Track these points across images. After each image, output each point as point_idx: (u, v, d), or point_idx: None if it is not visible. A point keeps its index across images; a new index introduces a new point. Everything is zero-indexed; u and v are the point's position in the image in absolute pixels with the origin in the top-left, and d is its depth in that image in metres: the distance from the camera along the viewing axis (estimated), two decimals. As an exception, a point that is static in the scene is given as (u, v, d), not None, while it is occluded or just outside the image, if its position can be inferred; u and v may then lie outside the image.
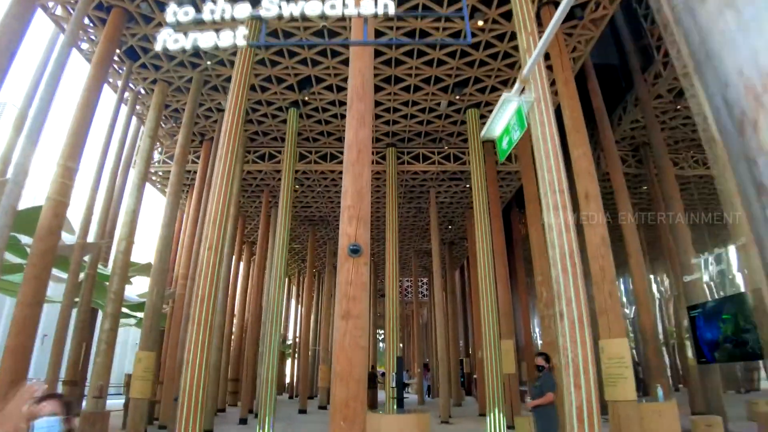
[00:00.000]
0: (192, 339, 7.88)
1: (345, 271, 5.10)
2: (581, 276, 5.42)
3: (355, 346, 4.75)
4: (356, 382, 4.65)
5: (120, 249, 11.65)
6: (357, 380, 4.66)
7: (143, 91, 14.35)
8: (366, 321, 4.96)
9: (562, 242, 5.60)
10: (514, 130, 4.47)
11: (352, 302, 4.93)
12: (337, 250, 17.69)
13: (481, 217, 13.01)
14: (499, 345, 11.99)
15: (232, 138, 9.36)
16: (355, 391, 4.61)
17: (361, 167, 5.66)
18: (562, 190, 5.91)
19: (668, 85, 14.19)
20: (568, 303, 5.28)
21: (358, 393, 4.62)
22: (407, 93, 13.75)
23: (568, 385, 5.01)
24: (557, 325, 5.28)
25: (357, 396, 4.60)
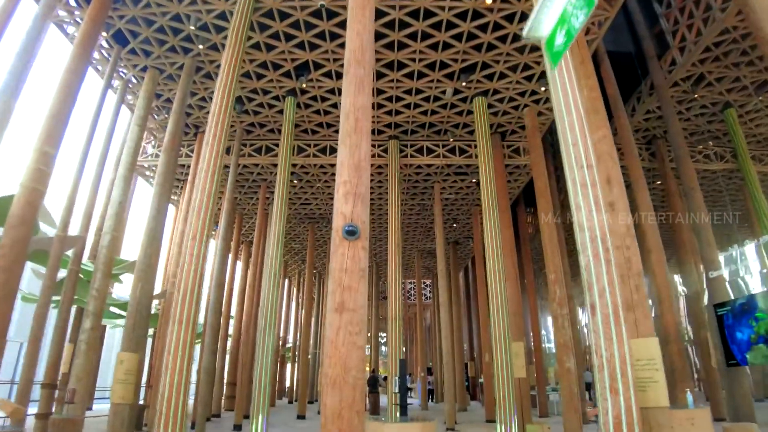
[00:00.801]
0: (173, 339, 7.12)
1: (339, 256, 4.33)
2: (615, 262, 4.64)
3: (351, 345, 3.98)
4: (351, 388, 3.87)
5: (104, 243, 10.90)
6: (352, 386, 3.88)
7: (135, 80, 13.64)
8: (364, 315, 4.19)
9: (592, 224, 4.82)
10: (575, 16, 3.37)
11: (347, 293, 4.16)
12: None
13: (490, 210, 12.23)
14: (509, 347, 11.19)
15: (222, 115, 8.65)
16: (351, 399, 3.84)
17: (359, 138, 4.90)
18: (590, 165, 5.13)
19: (685, 72, 13.44)
20: (601, 294, 4.49)
21: (354, 401, 3.84)
22: (410, 80, 13.00)
23: (603, 390, 4.22)
24: (589, 321, 4.49)
25: (352, 404, 3.83)
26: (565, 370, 10.71)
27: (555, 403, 18.86)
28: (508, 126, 15.19)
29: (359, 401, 3.86)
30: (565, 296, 11.69)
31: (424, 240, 24.90)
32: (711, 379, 12.96)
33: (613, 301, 4.41)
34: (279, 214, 11.78)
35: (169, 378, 6.94)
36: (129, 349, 9.61)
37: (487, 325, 17.83)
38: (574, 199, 5.04)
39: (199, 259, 7.62)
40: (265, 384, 10.23)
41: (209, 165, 8.36)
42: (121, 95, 13.60)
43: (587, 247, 4.73)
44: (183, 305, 7.26)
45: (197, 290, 7.52)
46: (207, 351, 13.33)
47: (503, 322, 11.32)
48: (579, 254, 4.83)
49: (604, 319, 4.35)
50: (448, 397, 15.17)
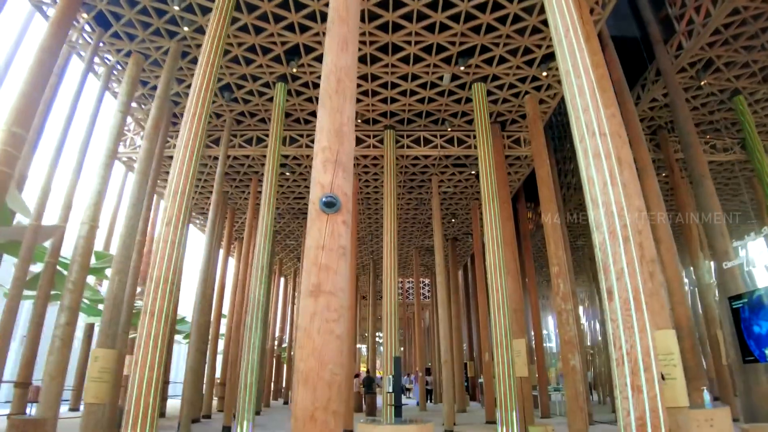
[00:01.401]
0: (144, 333, 6.51)
1: (316, 232, 3.73)
2: (635, 241, 4.04)
3: (328, 334, 3.38)
4: (327, 385, 3.27)
5: (81, 234, 10.30)
6: (329, 382, 3.27)
7: (120, 66, 13.03)
8: (344, 300, 3.58)
9: (607, 198, 4.23)
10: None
11: (325, 273, 3.56)
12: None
13: (490, 201, 11.62)
14: (510, 345, 10.58)
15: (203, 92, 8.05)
16: (326, 398, 3.23)
17: (341, 100, 4.31)
18: (603, 133, 4.54)
19: (691, 57, 12.87)
20: (619, 276, 3.90)
21: (330, 400, 3.23)
22: (406, 65, 12.40)
23: (623, 388, 3.62)
24: (605, 308, 3.90)
25: (328, 405, 3.22)
26: (569, 368, 10.11)
27: (557, 404, 18.27)
28: (508, 115, 14.60)
29: (336, 401, 3.26)
30: (569, 291, 11.10)
31: (422, 237, 24.30)
32: (721, 377, 12.37)
33: (634, 284, 3.82)
34: (268, 205, 11.18)
35: (139, 375, 6.34)
36: (105, 345, 9.00)
37: (487, 323, 17.26)
38: (586, 172, 4.44)
39: (175, 246, 7.01)
40: (251, 384, 9.62)
41: (187, 145, 7.75)
42: (105, 82, 13.03)
43: (602, 224, 4.14)
44: (156, 295, 6.65)
45: (173, 280, 6.92)
46: (193, 349, 12.71)
47: (504, 319, 10.71)
48: (592, 232, 4.23)
49: (623, 304, 3.76)
50: (447, 397, 14.56)
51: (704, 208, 10.80)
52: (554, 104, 14.00)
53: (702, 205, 10.92)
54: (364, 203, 19.28)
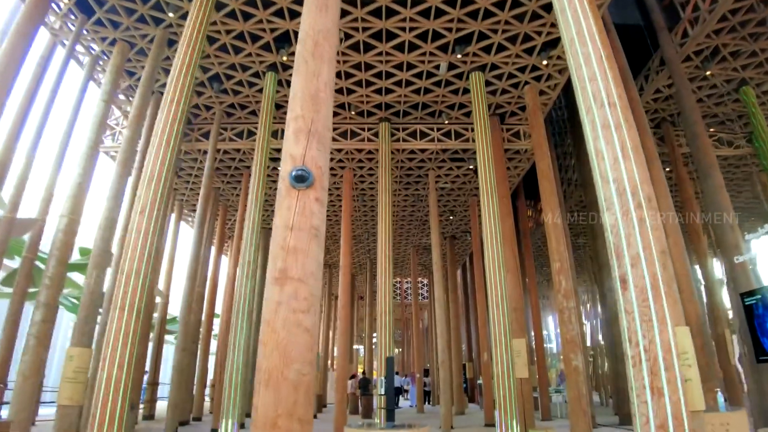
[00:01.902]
0: (113, 328, 6.01)
1: (285, 210, 3.23)
2: (651, 221, 3.55)
3: (294, 327, 2.88)
4: (293, 387, 2.76)
5: (60, 227, 9.81)
6: (295, 384, 2.77)
7: (106, 56, 12.53)
8: (316, 288, 3.08)
9: (619, 174, 3.73)
10: None
11: (293, 257, 3.06)
12: (328, 243, 15.75)
13: (489, 195, 11.12)
14: (510, 345, 10.04)
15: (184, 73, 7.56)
16: (291, 402, 2.73)
17: (318, 63, 3.81)
18: (613, 103, 4.05)
19: (697, 45, 12.38)
20: (635, 262, 3.40)
21: (297, 405, 2.73)
22: (401, 53, 11.90)
23: (641, 391, 3.12)
24: (618, 298, 3.40)
25: (293, 410, 2.72)
26: (572, 369, 9.61)
27: (558, 406, 17.76)
28: (508, 107, 14.11)
29: (304, 405, 2.75)
30: (571, 288, 10.59)
31: (419, 235, 23.78)
32: (729, 377, 11.87)
33: (651, 272, 3.32)
34: (256, 199, 10.69)
35: (107, 374, 5.83)
36: (81, 343, 8.47)
37: (486, 323, 16.75)
38: (594, 145, 3.95)
39: (149, 236, 6.51)
40: (236, 384, 9.11)
41: (164, 129, 7.25)
42: (89, 71, 12.56)
43: (614, 203, 3.64)
44: (127, 288, 6.15)
45: (146, 273, 6.41)
46: (180, 349, 12.20)
47: (503, 317, 10.18)
48: (602, 213, 3.74)
49: (640, 294, 3.26)
50: (444, 399, 14.05)
51: (713, 200, 10.30)
52: (555, 95, 13.52)
53: (710, 197, 10.42)
54: (359, 200, 18.77)
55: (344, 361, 13.75)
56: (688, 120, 11.28)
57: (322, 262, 3.21)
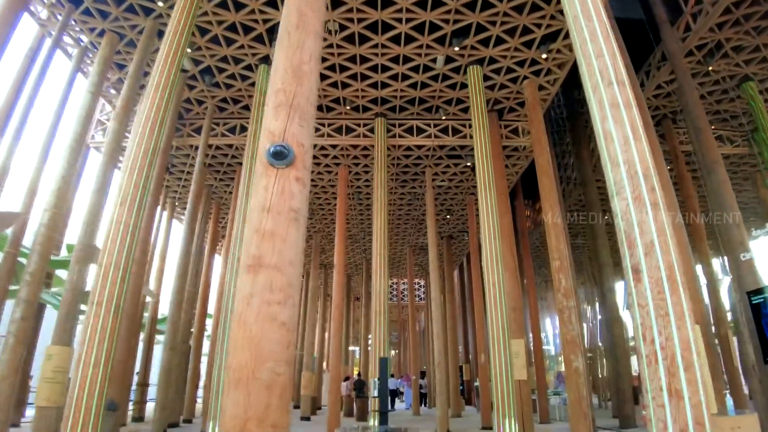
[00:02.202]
0: (90, 325, 5.66)
1: (261, 191, 2.91)
2: (665, 206, 3.24)
3: (268, 321, 2.55)
4: (266, 389, 2.43)
5: (43, 221, 9.47)
6: (267, 385, 2.44)
7: (96, 48, 12.19)
8: (294, 278, 2.75)
9: (630, 156, 3.42)
10: None
11: (268, 242, 2.73)
12: (323, 243, 15.25)
13: (487, 191, 10.80)
14: (508, 345, 9.71)
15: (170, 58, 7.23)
16: (263, 407, 2.39)
17: (302, 35, 3.48)
18: (621, 81, 3.74)
19: (698, 39, 12.10)
20: (649, 250, 3.08)
21: (269, 410, 2.40)
22: (397, 45, 11.58)
23: (658, 393, 2.80)
24: (631, 291, 3.08)
25: (266, 416, 2.39)
26: (572, 370, 9.29)
27: (557, 408, 17.44)
28: (506, 102, 13.80)
29: (278, 409, 2.42)
30: (571, 287, 10.28)
31: (416, 234, 23.45)
32: (733, 379, 11.59)
33: (667, 261, 3.00)
34: (247, 193, 10.35)
35: (82, 373, 5.48)
36: (61, 342, 8.11)
37: (483, 323, 16.43)
38: (602, 126, 3.63)
39: (129, 228, 6.17)
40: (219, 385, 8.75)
41: (149, 117, 6.92)
42: (77, 63, 12.23)
43: (625, 186, 3.33)
44: (105, 282, 5.81)
45: (127, 266, 6.07)
46: (167, 348, 11.84)
47: (501, 317, 9.84)
48: (612, 198, 3.42)
49: (655, 286, 2.94)
50: (440, 402, 13.72)
51: (717, 196, 10.00)
52: (554, 91, 13.23)
53: (714, 193, 10.12)
54: (354, 198, 18.44)
55: (338, 362, 13.41)
56: (691, 114, 10.99)
57: (302, 250, 2.88)
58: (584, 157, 16.44)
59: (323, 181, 16.96)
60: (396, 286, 41.20)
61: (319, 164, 15.79)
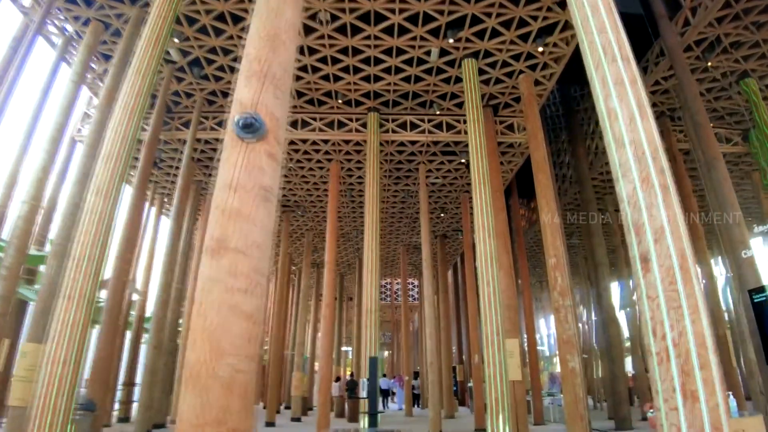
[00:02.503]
0: (59, 320, 5.32)
1: (227, 166, 2.59)
2: (675, 190, 2.95)
3: (229, 311, 2.24)
4: (225, 388, 2.12)
5: (21, 213, 9.11)
6: (227, 383, 2.13)
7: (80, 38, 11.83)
8: (261, 263, 2.45)
9: (637, 135, 3.14)
10: None
11: (233, 223, 2.42)
12: (316, 241, 14.82)
13: (481, 186, 10.49)
14: (503, 345, 9.37)
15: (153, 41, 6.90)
16: (221, 408, 2.08)
17: (279, 3, 3.16)
18: (626, 57, 3.46)
19: (697, 34, 11.88)
20: (659, 236, 2.79)
21: (229, 413, 2.08)
22: (390, 36, 11.28)
23: (670, 395, 2.50)
24: (639, 282, 2.78)
25: (225, 419, 2.07)
26: (568, 371, 9.01)
27: (551, 410, 17.18)
28: (501, 98, 13.52)
29: (239, 412, 2.10)
30: (567, 286, 10.00)
31: (409, 233, 23.14)
32: (732, 380, 11.35)
33: (679, 248, 2.71)
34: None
35: (50, 371, 5.14)
36: (36, 339, 7.76)
37: (477, 323, 16.14)
38: (606, 104, 3.35)
39: (104, 219, 5.83)
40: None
41: (128, 104, 6.59)
42: (61, 53, 11.89)
43: (631, 169, 3.04)
44: (76, 275, 5.47)
45: (100, 258, 5.74)
46: (151, 347, 11.49)
47: (496, 315, 9.51)
48: (617, 182, 3.13)
49: (666, 275, 2.65)
50: (433, 403, 13.43)
51: (717, 193, 9.76)
52: (550, 86, 12.97)
53: (715, 190, 9.88)
54: (347, 195, 18.11)
55: (328, 362, 13.08)
56: (690, 110, 10.75)
57: (271, 232, 2.57)
58: (580, 154, 16.21)
59: (315, 177, 16.63)
60: (390, 286, 40.88)
61: (311, 160, 15.47)
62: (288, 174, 16.60)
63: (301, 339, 19.90)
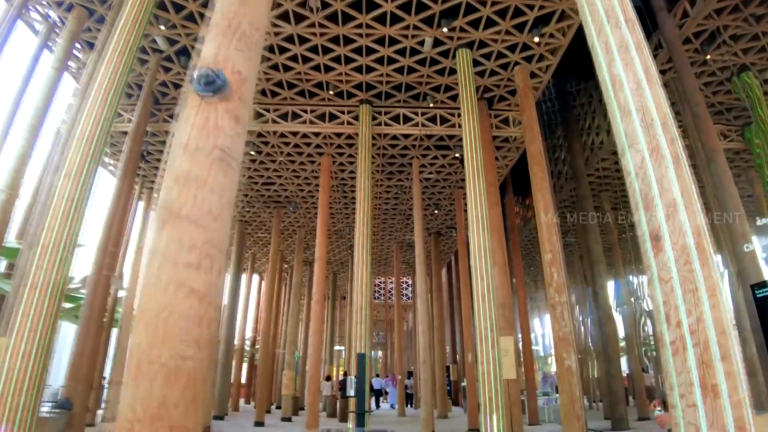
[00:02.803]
0: (24, 311, 4.97)
1: (182, 126, 2.26)
2: (687, 159, 2.65)
3: (177, 289, 1.91)
4: (168, 378, 1.79)
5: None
6: (172, 374, 1.80)
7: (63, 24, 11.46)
8: (218, 236, 2.12)
9: (644, 102, 2.84)
10: None
11: (186, 188, 2.09)
12: (308, 238, 14.39)
13: (476, 179, 10.18)
14: (497, 343, 9.03)
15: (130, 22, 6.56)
16: (158, 402, 1.75)
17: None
18: (630, 20, 3.20)
19: (696, 26, 11.64)
20: (672, 212, 2.48)
21: (169, 407, 1.75)
22: (382, 25, 10.96)
23: (687, 390, 2.19)
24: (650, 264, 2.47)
25: (163, 414, 1.74)
26: (564, 369, 8.72)
27: (546, 409, 16.90)
28: (497, 90, 13.22)
29: (186, 406, 1.77)
30: (563, 282, 9.71)
31: (403, 230, 22.83)
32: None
33: (694, 223, 2.40)
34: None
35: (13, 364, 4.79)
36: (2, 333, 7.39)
37: (471, 321, 15.83)
38: (610, 71, 3.05)
39: (75, 202, 5.48)
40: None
41: (102, 84, 6.24)
42: (43, 40, 11.51)
43: (639, 138, 2.74)
44: (41, 263, 5.12)
45: (68, 245, 5.38)
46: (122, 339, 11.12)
47: (490, 312, 9.17)
48: (623, 155, 2.82)
49: (681, 254, 2.35)
50: (425, 402, 13.12)
51: (717, 187, 9.50)
52: (546, 79, 12.68)
53: (714, 184, 9.62)
54: (339, 191, 17.78)
55: (317, 360, 12.74)
56: (689, 102, 10.50)
57: (232, 202, 2.24)
58: (576, 150, 15.94)
59: (306, 171, 16.28)
60: (383, 285, 40.58)
61: (302, 153, 15.12)
62: (279, 168, 16.24)
63: (292, 337, 19.54)
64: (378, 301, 40.11)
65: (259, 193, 18.32)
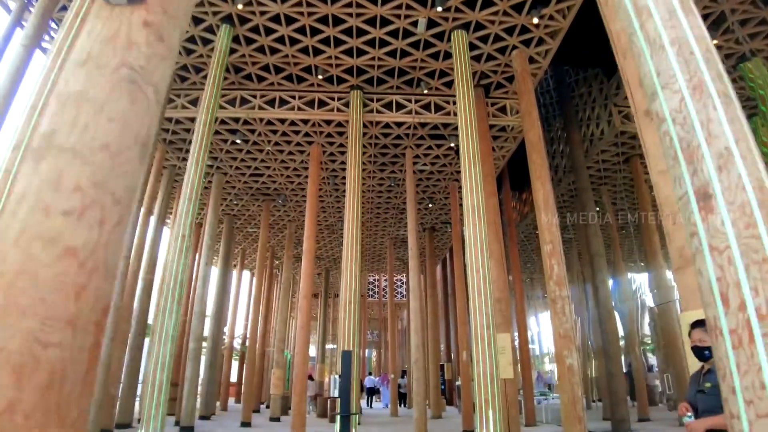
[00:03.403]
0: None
1: (87, 40, 1.67)
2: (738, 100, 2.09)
3: (40, 245, 1.33)
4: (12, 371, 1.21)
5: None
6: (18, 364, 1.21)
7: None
8: (115, 179, 1.53)
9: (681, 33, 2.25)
10: None
11: (69, 110, 1.52)
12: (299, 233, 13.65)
13: (472, 167, 9.62)
14: (493, 340, 8.47)
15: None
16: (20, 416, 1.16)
17: None
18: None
19: (702, 9, 11.13)
20: (725, 163, 1.92)
21: (14, 412, 1.15)
22: (374, 5, 10.38)
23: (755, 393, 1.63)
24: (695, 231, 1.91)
25: (16, 427, 1.14)
26: (565, 368, 8.18)
27: (543, 410, 16.40)
28: (493, 77, 12.66)
29: (39, 411, 1.19)
30: (564, 275, 9.17)
31: (396, 225, 22.25)
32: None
33: (756, 176, 1.84)
34: (196, 159, 9.12)
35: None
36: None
37: (466, 319, 15.28)
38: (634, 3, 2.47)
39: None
40: (162, 382, 7.48)
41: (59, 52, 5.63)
42: (16, 18, 10.91)
43: (676, 75, 2.17)
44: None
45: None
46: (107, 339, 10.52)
47: (486, 307, 8.60)
48: (652, 100, 2.26)
49: (740, 215, 1.80)
50: (418, 402, 12.57)
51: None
52: (545, 64, 12.12)
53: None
54: (330, 183, 17.19)
55: (304, 358, 12.16)
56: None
57: (141, 138, 1.67)
58: (575, 141, 15.41)
59: (295, 162, 15.68)
60: (377, 283, 40.02)
61: (290, 142, 14.52)
62: (266, 159, 15.63)
63: (282, 335, 18.94)
64: (372, 299, 39.55)
65: (247, 185, 17.70)
